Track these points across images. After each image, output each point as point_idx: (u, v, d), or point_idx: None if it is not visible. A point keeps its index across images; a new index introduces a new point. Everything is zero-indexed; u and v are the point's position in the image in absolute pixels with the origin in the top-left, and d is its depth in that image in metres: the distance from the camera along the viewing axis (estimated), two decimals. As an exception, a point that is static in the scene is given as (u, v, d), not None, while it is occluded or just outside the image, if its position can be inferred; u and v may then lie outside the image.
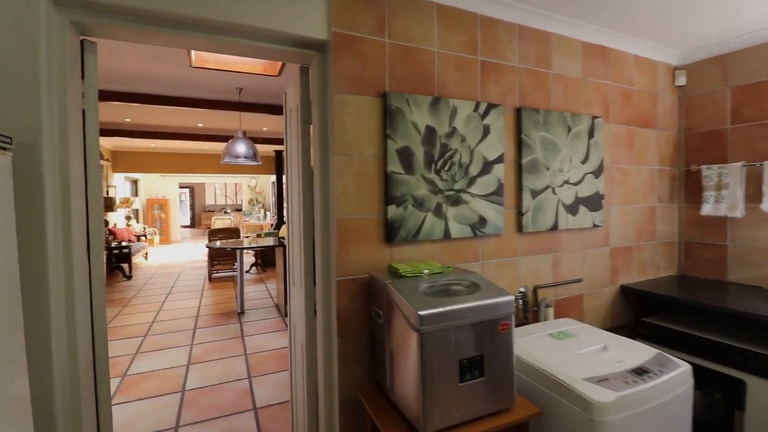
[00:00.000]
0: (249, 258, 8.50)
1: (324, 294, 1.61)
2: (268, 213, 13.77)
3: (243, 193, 15.01)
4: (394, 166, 1.60)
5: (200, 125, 7.05)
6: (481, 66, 1.86)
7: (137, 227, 9.89)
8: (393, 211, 1.60)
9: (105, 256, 6.29)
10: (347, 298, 1.55)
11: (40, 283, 1.13)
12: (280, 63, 4.19)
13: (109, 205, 7.33)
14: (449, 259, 1.76)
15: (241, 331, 4.17)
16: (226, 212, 15.67)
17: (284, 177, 8.92)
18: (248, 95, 5.09)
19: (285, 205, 2.16)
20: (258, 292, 5.94)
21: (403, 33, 1.67)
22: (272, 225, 10.75)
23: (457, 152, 1.74)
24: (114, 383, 3.03)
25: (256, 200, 14.45)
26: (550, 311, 1.97)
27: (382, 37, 1.63)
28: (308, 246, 1.74)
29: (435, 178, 1.69)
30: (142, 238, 9.65)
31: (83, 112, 1.38)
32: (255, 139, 7.38)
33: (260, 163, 4.95)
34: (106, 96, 4.59)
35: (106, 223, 6.89)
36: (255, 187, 14.48)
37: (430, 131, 1.68)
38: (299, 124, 1.80)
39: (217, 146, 9.00)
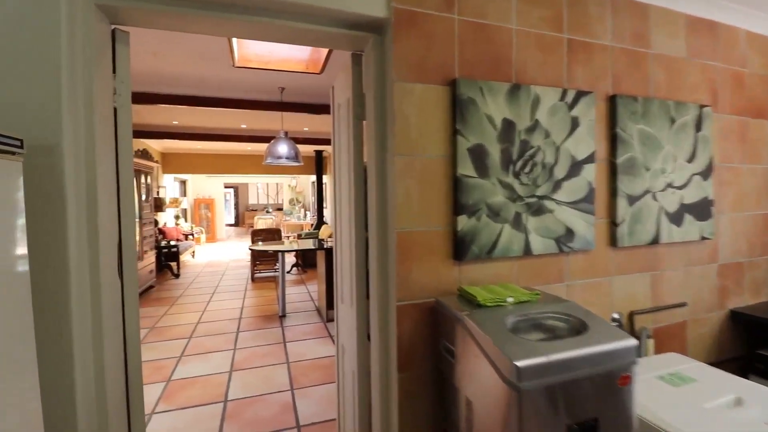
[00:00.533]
0: (290, 258, 8.51)
1: (380, 319, 1.37)
2: (308, 213, 13.88)
3: (284, 193, 15.26)
4: (465, 167, 1.33)
5: (243, 126, 7.11)
6: (567, 45, 1.54)
7: (185, 226, 10.25)
8: (464, 222, 1.33)
9: (155, 255, 6.48)
10: (409, 326, 1.30)
11: (60, 305, 0.97)
12: (322, 60, 4.03)
13: (159, 205, 7.58)
14: (528, 279, 1.46)
15: (283, 336, 4.05)
16: (267, 211, 16.01)
17: (325, 178, 8.81)
18: (290, 95, 4.99)
19: (332, 211, 1.94)
20: (299, 294, 5.86)
21: (475, 7, 1.39)
22: (312, 225, 10.77)
23: (539, 150, 1.44)
24: (158, 389, 2.98)
25: (297, 200, 14.61)
26: (651, 344, 1.61)
27: (451, 12, 1.36)
28: (360, 261, 1.50)
29: (513, 182, 1.40)
30: (190, 236, 9.97)
31: (114, 110, 1.23)
32: (296, 140, 7.34)
33: (302, 163, 4.84)
34: (153, 99, 4.65)
35: (156, 222, 7.12)
36: (295, 187, 14.66)
37: (508, 125, 1.39)
38: (350, 121, 1.57)
39: (260, 147, 9.11)
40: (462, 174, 1.33)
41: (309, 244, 5.15)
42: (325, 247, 4.58)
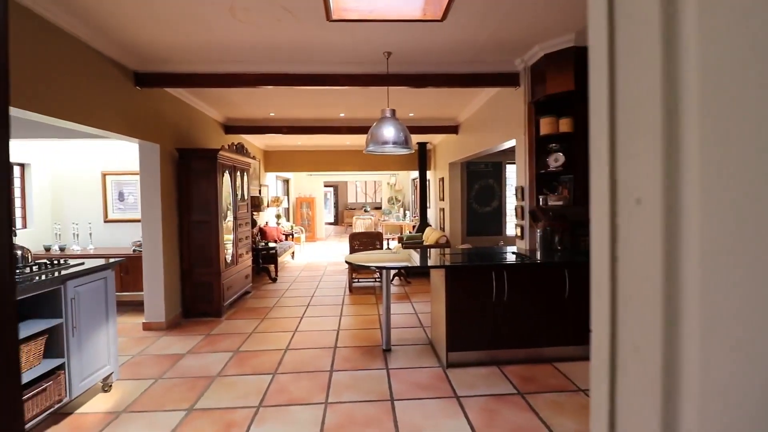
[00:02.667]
0: (390, 265, 7.50)
1: None
2: (407, 212, 12.87)
3: (382, 191, 14.54)
4: None
5: (342, 115, 6.29)
6: None
7: (286, 226, 10.03)
8: None
9: (251, 258, 6.01)
10: None
11: None
12: (446, 1, 2.79)
13: (257, 204, 7.24)
14: None
15: (389, 386, 2.93)
16: (366, 210, 15.50)
17: (429, 174, 7.57)
18: (397, 62, 3.86)
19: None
20: (404, 315, 4.74)
21: None
22: (414, 227, 9.67)
23: None
24: (222, 467, 2.09)
25: (396, 198, 13.73)
26: None
27: None
28: None
29: None
30: (290, 237, 9.70)
31: None
32: (399, 128, 6.29)
33: (412, 150, 3.67)
34: (241, 80, 3.94)
35: (254, 222, 6.73)
36: (394, 184, 13.79)
37: None
38: None
39: (359, 141, 8.33)
40: None
41: (413, 256, 3.96)
42: (445, 263, 3.34)
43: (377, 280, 6.30)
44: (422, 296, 5.60)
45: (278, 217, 9.81)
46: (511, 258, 3.65)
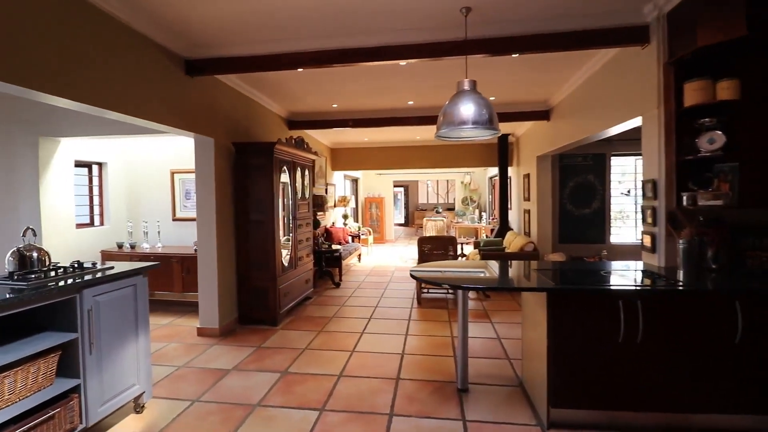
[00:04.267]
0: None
1: None
2: (483, 214, 11.74)
3: (456, 191, 13.55)
4: None
5: (410, 104, 5.60)
6: None
7: (353, 226, 9.64)
8: None
9: (312, 261, 5.61)
10: None
11: None
12: None
13: (320, 204, 6.87)
14: None
15: (465, 448, 2.15)
16: (438, 211, 14.64)
17: (511, 171, 6.41)
18: (478, 23, 3.04)
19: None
20: (483, 340, 3.88)
21: None
22: (492, 230, 8.62)
23: None
24: None
25: (471, 199, 12.66)
26: None
27: None
28: None
29: None
30: (357, 238, 9.28)
31: None
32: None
33: (498, 131, 2.83)
34: (293, 60, 3.44)
35: (317, 223, 6.34)
36: (469, 184, 12.73)
37: None
38: None
39: (430, 134, 7.58)
40: None
41: (491, 267, 3.09)
42: (545, 285, 2.45)
43: (450, 291, 5.49)
44: (505, 315, 4.65)
45: (345, 217, 9.45)
46: (640, 279, 2.62)
